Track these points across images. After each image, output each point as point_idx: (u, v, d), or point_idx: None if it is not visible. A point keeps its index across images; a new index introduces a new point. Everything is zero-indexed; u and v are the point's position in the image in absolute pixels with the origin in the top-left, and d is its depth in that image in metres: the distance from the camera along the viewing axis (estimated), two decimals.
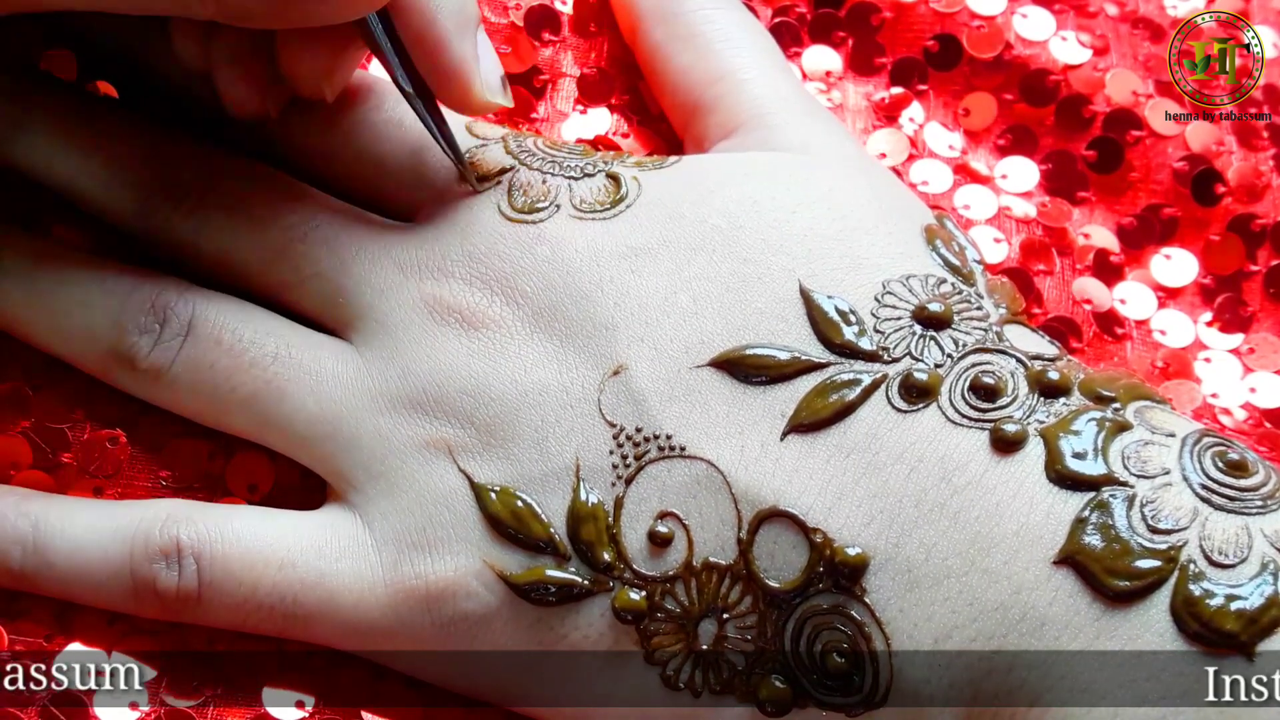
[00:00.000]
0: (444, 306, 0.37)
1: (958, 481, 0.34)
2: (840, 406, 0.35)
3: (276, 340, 0.37)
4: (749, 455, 0.35)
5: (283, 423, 0.37)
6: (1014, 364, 0.36)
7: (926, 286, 0.37)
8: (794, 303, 0.36)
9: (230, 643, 0.37)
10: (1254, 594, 0.32)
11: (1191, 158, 0.45)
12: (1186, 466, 0.34)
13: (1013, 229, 0.44)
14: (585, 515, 0.35)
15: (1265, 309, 0.44)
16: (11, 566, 0.36)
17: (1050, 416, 0.35)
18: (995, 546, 0.33)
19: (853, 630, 0.34)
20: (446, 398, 0.36)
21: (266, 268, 0.38)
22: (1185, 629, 0.32)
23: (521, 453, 0.36)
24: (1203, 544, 0.33)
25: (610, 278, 0.37)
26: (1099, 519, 0.33)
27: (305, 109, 0.39)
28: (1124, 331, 0.43)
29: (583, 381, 0.36)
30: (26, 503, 0.37)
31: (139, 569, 0.36)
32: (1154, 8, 0.47)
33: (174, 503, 0.37)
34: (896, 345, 0.36)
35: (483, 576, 0.35)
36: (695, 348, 0.36)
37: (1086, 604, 0.32)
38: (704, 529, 0.35)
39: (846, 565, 0.34)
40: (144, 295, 0.37)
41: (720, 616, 0.35)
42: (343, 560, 0.36)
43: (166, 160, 0.39)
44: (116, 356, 0.37)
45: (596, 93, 0.44)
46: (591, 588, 0.35)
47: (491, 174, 0.39)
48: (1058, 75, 0.45)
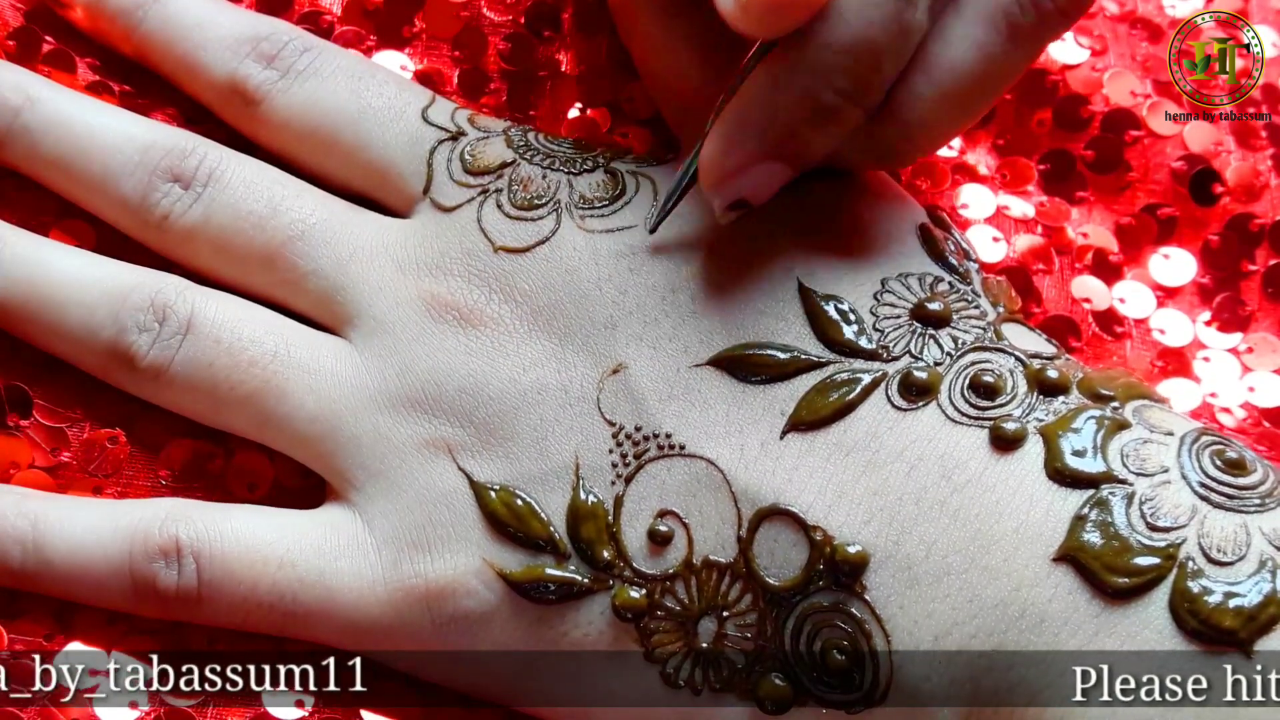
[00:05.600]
0: (442, 304, 0.37)
1: (957, 479, 0.34)
2: (840, 405, 0.35)
3: (276, 339, 0.37)
4: (749, 454, 0.35)
5: (282, 422, 0.37)
6: (1013, 362, 0.36)
7: (925, 285, 0.37)
8: (793, 301, 0.36)
9: (230, 642, 0.37)
10: (1252, 591, 0.32)
11: (1190, 157, 0.45)
12: (1185, 464, 0.34)
13: (1011, 228, 0.44)
14: (585, 514, 0.35)
15: (1264, 308, 0.44)
16: (11, 566, 0.36)
17: (1049, 415, 0.35)
18: (995, 544, 0.33)
19: (853, 628, 0.34)
20: (445, 396, 0.36)
21: (264, 266, 0.38)
22: (1184, 626, 0.32)
23: (521, 451, 0.36)
24: (1201, 542, 0.33)
25: (609, 276, 0.37)
26: (1098, 516, 0.33)
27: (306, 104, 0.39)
28: (1123, 330, 0.43)
29: (582, 380, 0.36)
30: (26, 502, 0.37)
31: (138, 568, 0.36)
32: (1153, 8, 0.47)
33: (173, 502, 0.37)
34: (896, 344, 0.36)
35: (482, 575, 0.35)
36: (694, 346, 0.36)
37: (1086, 601, 0.33)
38: (704, 527, 0.35)
39: (846, 563, 0.34)
40: (143, 294, 0.37)
41: (720, 615, 0.35)
42: (342, 559, 0.36)
43: (164, 158, 0.39)
44: (115, 355, 0.37)
45: (595, 91, 0.44)
46: (591, 586, 0.35)
47: (491, 167, 0.39)
48: (1056, 75, 0.45)
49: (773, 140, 0.35)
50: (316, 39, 0.41)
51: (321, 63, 0.40)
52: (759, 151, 0.36)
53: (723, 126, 0.36)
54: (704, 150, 0.36)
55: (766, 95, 0.35)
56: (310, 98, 0.40)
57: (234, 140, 0.40)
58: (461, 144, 0.39)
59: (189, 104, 0.41)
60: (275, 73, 0.40)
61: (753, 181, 0.36)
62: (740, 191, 0.36)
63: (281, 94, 0.40)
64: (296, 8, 0.43)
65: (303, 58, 0.40)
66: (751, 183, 0.36)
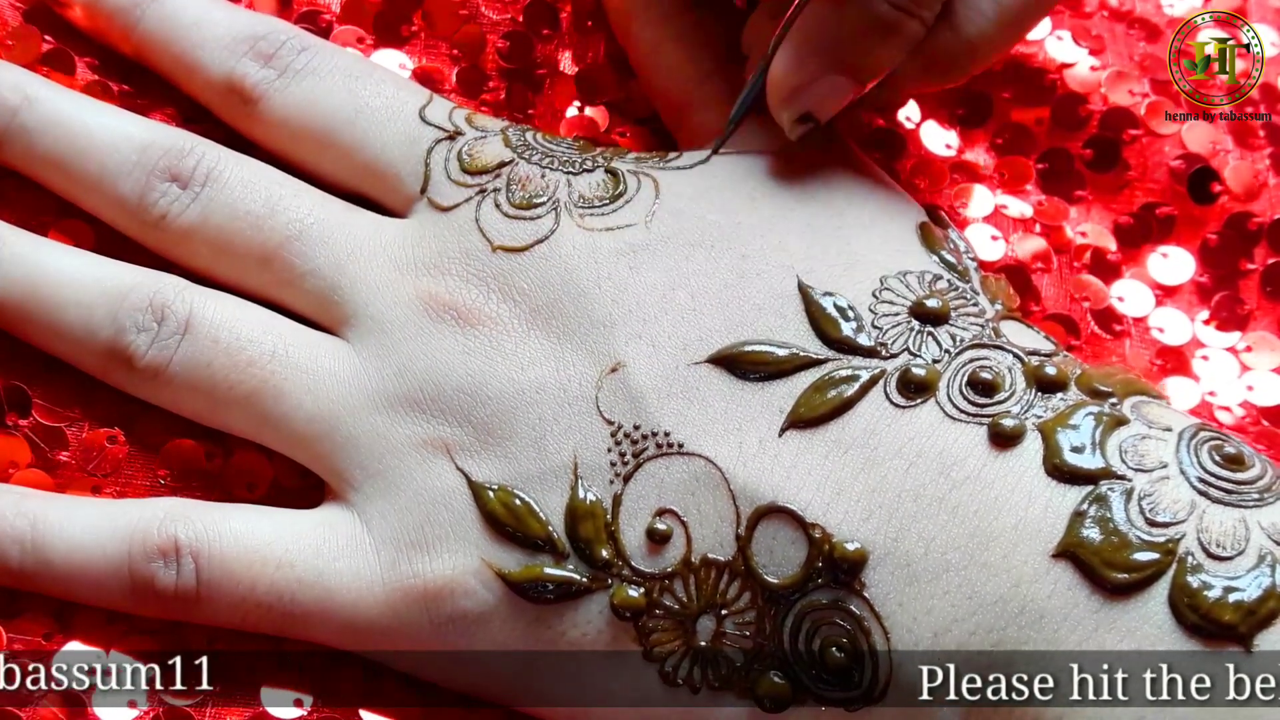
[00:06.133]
0: (440, 304, 0.37)
1: (956, 476, 0.34)
2: (838, 402, 0.35)
3: (274, 339, 0.37)
4: (747, 452, 0.35)
5: (280, 422, 0.37)
6: (1011, 359, 0.36)
7: (923, 283, 0.37)
8: (792, 299, 0.36)
9: (230, 642, 0.37)
10: (1251, 585, 0.32)
11: (1188, 156, 0.45)
12: (1184, 460, 0.34)
13: (1010, 227, 0.44)
14: (584, 513, 0.35)
15: (1262, 307, 0.44)
16: (10, 565, 0.36)
17: (1048, 411, 0.35)
18: (994, 540, 0.33)
19: (852, 625, 0.34)
20: (443, 396, 0.36)
21: (262, 265, 0.38)
22: (1183, 621, 0.32)
23: (519, 451, 0.36)
24: (1200, 536, 0.33)
25: (608, 274, 0.37)
26: (1097, 512, 0.33)
27: (303, 103, 0.39)
28: (1122, 328, 0.43)
29: (580, 379, 0.36)
30: (25, 502, 0.36)
31: (137, 568, 0.36)
32: (1151, 7, 0.47)
33: (172, 501, 0.37)
34: (894, 341, 0.36)
35: (481, 575, 0.35)
36: (693, 344, 0.36)
37: (1085, 596, 0.33)
38: (702, 526, 0.35)
39: (845, 560, 0.34)
40: (141, 294, 0.37)
41: (719, 613, 0.35)
42: (341, 559, 0.36)
43: (162, 158, 0.39)
44: (114, 355, 0.37)
45: (594, 90, 0.44)
46: (590, 585, 0.35)
47: (489, 167, 0.39)
48: (1054, 74, 0.45)
49: (837, 55, 0.38)
50: (314, 38, 0.41)
51: (319, 62, 0.40)
52: (825, 65, 0.38)
53: (791, 43, 0.38)
54: (773, 68, 0.38)
55: (830, 13, 0.37)
56: (307, 97, 0.40)
57: (232, 140, 0.40)
58: (459, 143, 0.39)
59: (188, 104, 0.41)
60: (272, 72, 0.40)
61: (819, 95, 0.38)
62: (807, 104, 0.38)
63: (278, 93, 0.40)
64: (296, 6, 0.43)
65: (300, 57, 0.40)
66: (818, 96, 0.38)
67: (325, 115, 0.40)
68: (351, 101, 0.40)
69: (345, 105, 0.40)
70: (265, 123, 0.40)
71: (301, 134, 0.40)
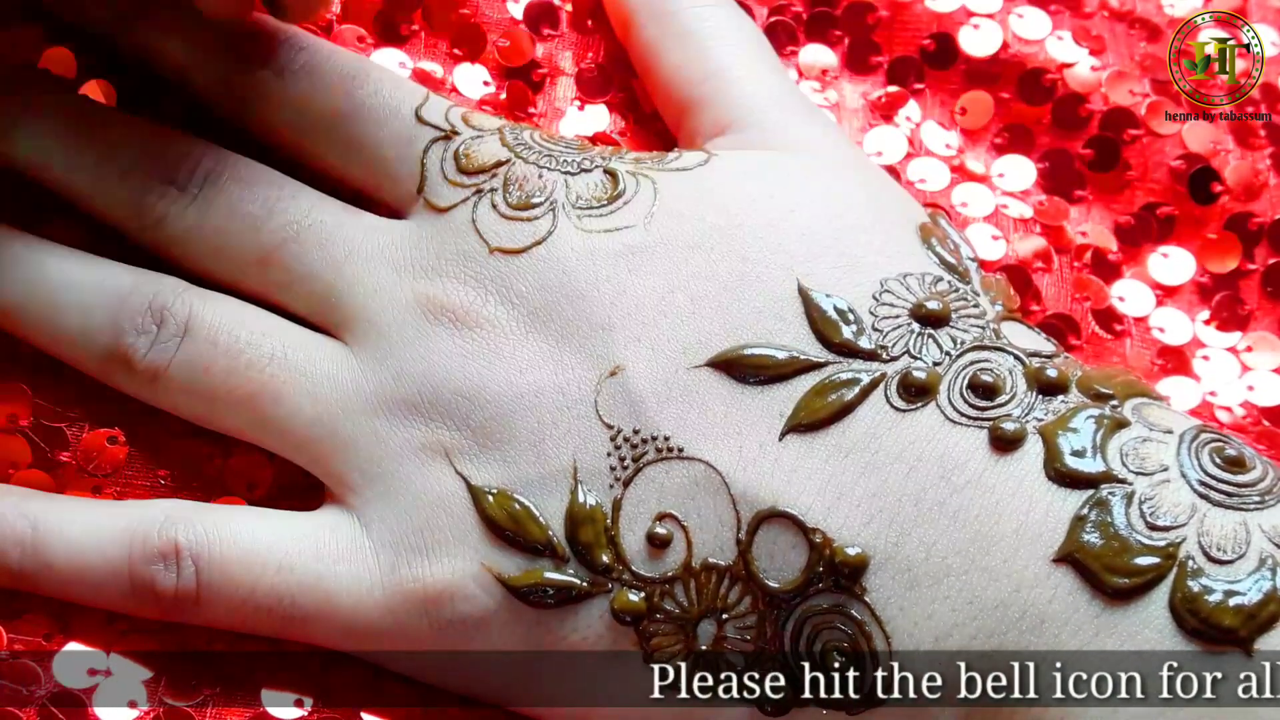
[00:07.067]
0: (437, 306, 0.37)
1: (957, 480, 0.34)
2: (839, 406, 0.35)
3: (273, 341, 0.37)
4: (747, 456, 0.35)
5: (279, 425, 0.37)
6: (1012, 361, 0.36)
7: (924, 285, 0.37)
8: (792, 302, 0.36)
9: (229, 643, 0.37)
10: (1252, 589, 0.32)
11: (1189, 156, 0.45)
12: (1184, 463, 0.34)
13: (1010, 227, 0.44)
14: (583, 517, 0.35)
15: (1263, 307, 0.44)
16: (10, 566, 0.36)
17: (1049, 414, 0.35)
18: (995, 545, 0.33)
19: (853, 630, 0.34)
20: (441, 399, 0.36)
21: (260, 267, 0.38)
22: (1184, 625, 0.32)
23: (518, 455, 0.36)
24: (1201, 540, 0.33)
25: (607, 277, 0.37)
26: (1098, 516, 0.33)
27: (300, 103, 0.39)
28: (1123, 328, 0.43)
29: (579, 382, 0.36)
30: (26, 503, 0.36)
31: (137, 570, 0.36)
32: (1151, 7, 0.47)
33: (172, 503, 0.37)
34: (895, 344, 0.36)
35: (480, 579, 0.35)
36: (693, 348, 0.36)
37: (1086, 601, 0.33)
38: (703, 530, 0.35)
39: (846, 565, 0.34)
40: (141, 296, 0.37)
41: (719, 617, 0.35)
42: (340, 563, 0.36)
43: (161, 158, 0.39)
44: (113, 357, 0.37)
45: (594, 89, 0.44)
46: (590, 590, 0.35)
47: (485, 166, 0.39)
48: (1054, 74, 0.45)
49: None
50: (312, 37, 0.41)
51: (317, 61, 0.40)
52: None
53: None
54: None
55: None
56: (305, 96, 0.39)
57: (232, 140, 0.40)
58: (455, 143, 0.39)
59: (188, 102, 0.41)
60: (270, 71, 0.40)
61: None
62: None
63: (277, 92, 0.39)
64: None
65: (298, 56, 0.40)
66: None
67: (323, 115, 0.39)
68: (348, 101, 0.39)
69: (342, 105, 0.39)
70: (264, 121, 0.40)
71: (300, 133, 0.40)
